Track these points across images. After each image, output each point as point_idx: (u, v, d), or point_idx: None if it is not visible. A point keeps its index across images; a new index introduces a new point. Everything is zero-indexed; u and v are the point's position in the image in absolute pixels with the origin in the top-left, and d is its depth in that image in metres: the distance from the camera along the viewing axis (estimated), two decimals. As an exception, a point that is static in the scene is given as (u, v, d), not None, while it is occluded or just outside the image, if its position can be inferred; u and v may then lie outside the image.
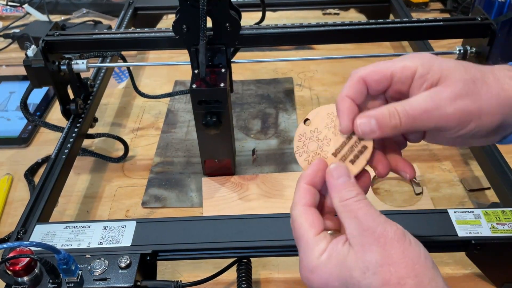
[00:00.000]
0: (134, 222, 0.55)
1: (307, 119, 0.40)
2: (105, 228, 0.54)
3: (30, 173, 0.75)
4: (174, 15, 0.64)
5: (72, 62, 0.71)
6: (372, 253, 0.32)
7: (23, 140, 0.83)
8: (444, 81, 0.35)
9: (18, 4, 1.19)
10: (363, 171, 0.38)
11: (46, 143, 0.83)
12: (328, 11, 1.20)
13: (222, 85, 0.63)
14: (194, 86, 0.63)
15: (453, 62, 0.37)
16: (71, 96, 0.75)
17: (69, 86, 0.75)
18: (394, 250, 0.31)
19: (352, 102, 0.37)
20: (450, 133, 0.36)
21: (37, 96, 0.93)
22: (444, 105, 0.34)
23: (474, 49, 0.71)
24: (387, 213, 0.55)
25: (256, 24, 0.73)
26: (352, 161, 0.38)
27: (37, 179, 0.75)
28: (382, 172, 0.38)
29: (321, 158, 0.38)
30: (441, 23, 0.68)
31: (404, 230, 0.33)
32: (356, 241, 0.33)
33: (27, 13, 1.21)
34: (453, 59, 0.37)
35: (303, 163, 0.39)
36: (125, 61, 0.83)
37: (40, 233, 0.54)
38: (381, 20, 0.69)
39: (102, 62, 0.85)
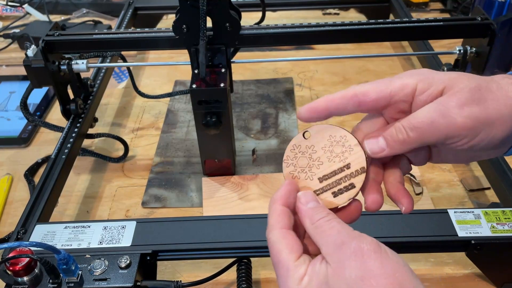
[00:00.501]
0: (134, 222, 0.55)
1: (306, 131, 0.38)
2: (105, 228, 0.54)
3: (30, 173, 0.75)
4: (174, 15, 0.64)
5: (72, 62, 0.71)
6: (351, 269, 0.30)
7: (23, 140, 0.83)
8: (448, 91, 0.34)
9: (18, 4, 1.19)
10: (354, 203, 0.37)
11: (46, 143, 0.83)
12: (328, 11, 1.20)
13: (222, 85, 0.63)
14: (194, 86, 0.63)
15: (454, 73, 0.35)
16: (71, 96, 0.75)
17: (69, 86, 0.75)
18: (373, 262, 0.30)
19: (330, 102, 0.36)
20: (460, 144, 0.34)
21: (37, 96, 0.93)
22: (452, 114, 0.33)
23: (474, 49, 0.71)
24: (387, 213, 0.55)
25: (256, 24, 0.73)
26: (335, 194, 0.36)
27: (37, 179, 0.75)
28: (369, 207, 0.37)
29: (292, 180, 0.37)
30: (441, 23, 0.68)
31: (378, 242, 0.32)
32: (333, 258, 0.32)
33: (27, 13, 1.21)
34: (453, 71, 0.36)
35: (288, 176, 0.37)
36: (125, 61, 0.83)
37: (40, 233, 0.54)
38: (381, 20, 0.69)
39: (102, 62, 0.85)
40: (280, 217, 0.35)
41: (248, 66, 1.00)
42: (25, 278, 0.47)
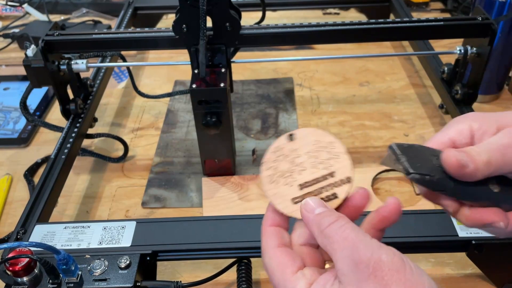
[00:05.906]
0: (134, 222, 0.55)
1: (292, 134, 0.35)
2: (105, 228, 0.54)
3: (29, 173, 0.75)
4: (174, 15, 0.64)
5: (72, 62, 0.71)
6: None
7: (23, 140, 0.83)
8: (503, 128, 0.34)
9: (17, 4, 1.19)
10: (393, 201, 0.34)
11: (45, 143, 0.83)
12: (328, 11, 1.20)
13: (222, 85, 0.63)
14: (194, 86, 0.62)
15: (498, 113, 0.35)
16: (71, 96, 0.75)
17: (68, 86, 0.74)
18: (395, 284, 0.27)
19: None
20: None
21: (37, 96, 0.92)
22: None
23: (474, 49, 0.71)
24: (387, 213, 0.55)
25: (256, 24, 0.73)
26: None
27: (36, 179, 0.75)
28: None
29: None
30: (442, 23, 0.68)
31: (402, 256, 0.29)
32: (349, 279, 0.29)
33: (27, 13, 1.20)
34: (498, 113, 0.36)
35: (265, 179, 0.34)
36: (124, 61, 0.83)
37: (39, 233, 0.54)
38: (381, 20, 0.69)
39: (102, 62, 0.85)
40: (269, 238, 0.34)
41: (248, 66, 1.00)
42: (25, 278, 0.47)
